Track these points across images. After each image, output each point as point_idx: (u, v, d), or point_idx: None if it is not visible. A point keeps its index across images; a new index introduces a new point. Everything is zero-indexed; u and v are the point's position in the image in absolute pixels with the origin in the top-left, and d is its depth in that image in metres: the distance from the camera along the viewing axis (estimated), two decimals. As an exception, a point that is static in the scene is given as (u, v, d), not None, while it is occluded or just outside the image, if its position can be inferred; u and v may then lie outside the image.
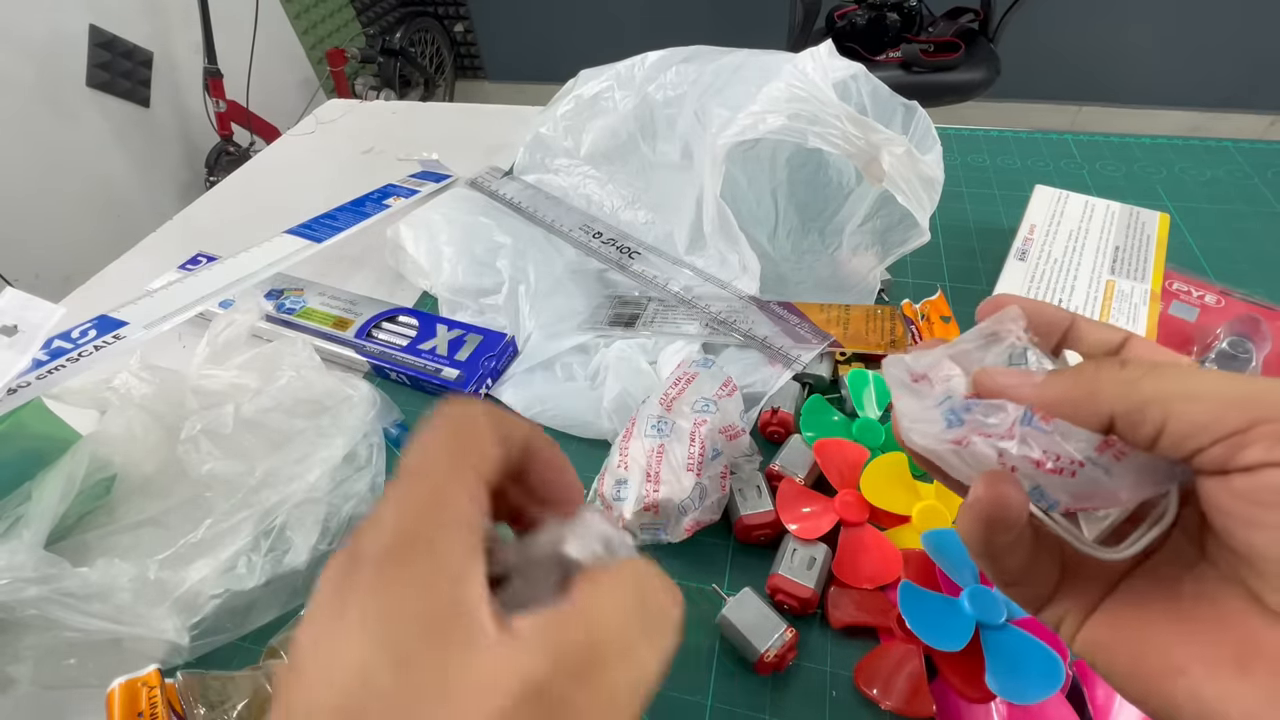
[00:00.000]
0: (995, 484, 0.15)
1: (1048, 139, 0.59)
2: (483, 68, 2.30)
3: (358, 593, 0.12)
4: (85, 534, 0.33)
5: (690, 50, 0.47)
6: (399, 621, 0.12)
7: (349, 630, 0.12)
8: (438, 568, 0.12)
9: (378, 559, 0.12)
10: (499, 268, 0.47)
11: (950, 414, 0.16)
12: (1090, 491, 0.15)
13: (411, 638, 0.12)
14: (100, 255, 0.59)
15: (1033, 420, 0.15)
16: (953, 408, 0.16)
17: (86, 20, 1.31)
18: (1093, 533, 0.16)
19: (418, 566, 0.12)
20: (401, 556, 0.12)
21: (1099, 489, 0.14)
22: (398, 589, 0.12)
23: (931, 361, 0.17)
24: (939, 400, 0.16)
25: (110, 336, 0.38)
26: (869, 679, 0.27)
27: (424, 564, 0.12)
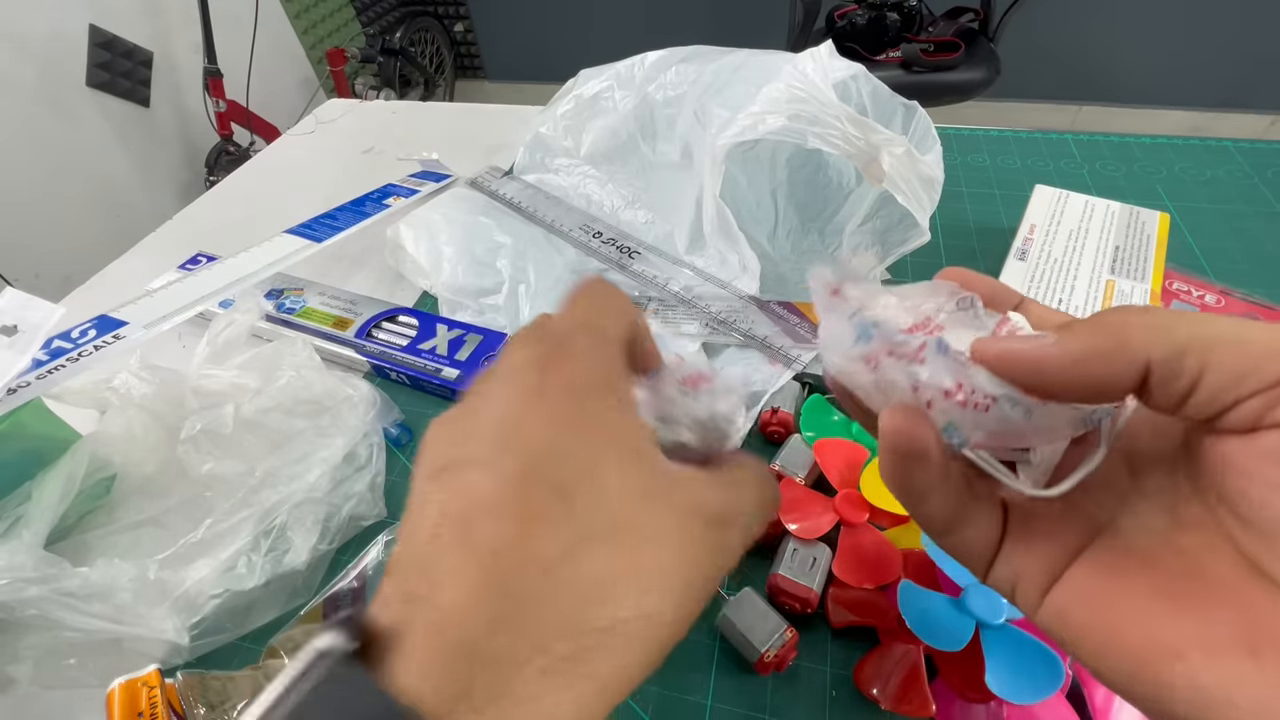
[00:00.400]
0: (901, 414, 0.14)
1: (1048, 139, 0.59)
2: (483, 67, 2.30)
3: (565, 409, 0.14)
4: (85, 534, 0.33)
5: (690, 50, 0.47)
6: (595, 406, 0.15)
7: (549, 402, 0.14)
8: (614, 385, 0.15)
9: (571, 388, 0.15)
10: (499, 267, 0.47)
11: (861, 327, 0.15)
12: (1002, 430, 0.14)
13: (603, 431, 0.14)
14: (100, 255, 0.59)
15: (947, 350, 0.14)
16: (863, 320, 0.15)
17: (86, 20, 1.31)
18: (1027, 480, 0.15)
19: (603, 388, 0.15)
20: (590, 394, 0.15)
21: (1010, 428, 0.14)
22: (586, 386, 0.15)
23: (865, 290, 0.16)
24: (851, 312, 0.16)
25: (110, 336, 0.38)
26: (869, 679, 0.27)
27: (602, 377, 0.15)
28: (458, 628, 0.12)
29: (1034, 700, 0.24)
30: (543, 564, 0.13)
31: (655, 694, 0.29)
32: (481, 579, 0.12)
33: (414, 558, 0.13)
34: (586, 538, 0.13)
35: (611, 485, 0.14)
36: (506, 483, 0.13)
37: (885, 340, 0.15)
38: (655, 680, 0.29)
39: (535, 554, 0.13)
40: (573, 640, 0.12)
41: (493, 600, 0.12)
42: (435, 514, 0.13)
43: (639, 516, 0.14)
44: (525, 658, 0.12)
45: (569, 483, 0.13)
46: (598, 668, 0.12)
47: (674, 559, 0.14)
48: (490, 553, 0.12)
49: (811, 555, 0.30)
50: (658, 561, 0.14)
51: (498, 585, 0.12)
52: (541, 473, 0.13)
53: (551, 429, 0.14)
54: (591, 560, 0.13)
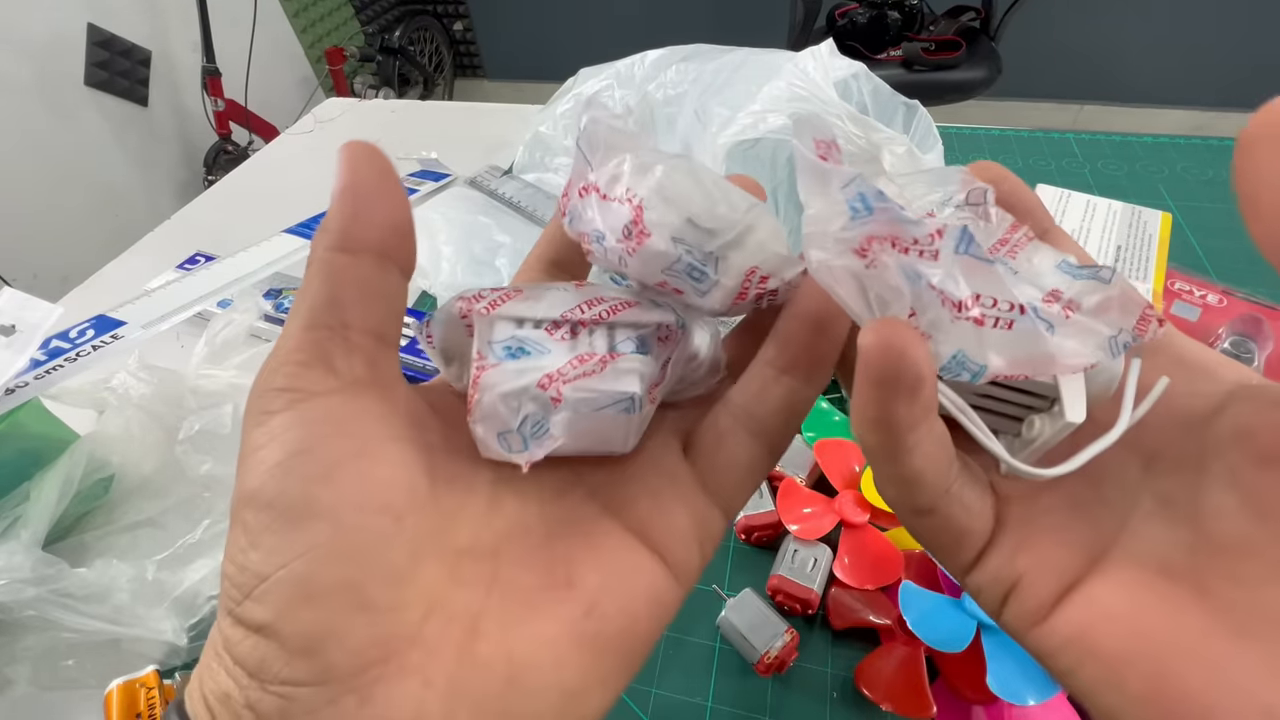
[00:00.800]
0: (887, 326, 0.10)
1: (1049, 138, 0.59)
2: (482, 66, 2.29)
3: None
4: (83, 534, 0.33)
5: (690, 49, 0.47)
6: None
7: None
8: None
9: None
10: (498, 267, 0.47)
11: (858, 200, 0.11)
12: (1025, 356, 0.11)
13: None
14: (98, 255, 0.59)
15: (971, 244, 0.10)
16: (862, 191, 0.11)
17: (84, 19, 1.31)
18: (1018, 456, 0.13)
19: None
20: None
21: (1036, 351, 0.11)
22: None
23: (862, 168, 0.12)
24: (846, 180, 0.11)
25: (108, 336, 0.38)
26: (870, 680, 0.27)
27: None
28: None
29: (1035, 701, 0.23)
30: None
31: (655, 695, 0.29)
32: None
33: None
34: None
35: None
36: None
37: (889, 219, 0.11)
38: (655, 682, 0.29)
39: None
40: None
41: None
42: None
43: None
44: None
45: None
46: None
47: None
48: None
49: (812, 556, 0.30)
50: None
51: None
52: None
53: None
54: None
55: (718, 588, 0.31)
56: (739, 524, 0.32)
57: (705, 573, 0.32)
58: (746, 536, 0.32)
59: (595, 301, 0.14)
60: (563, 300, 0.14)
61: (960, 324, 0.11)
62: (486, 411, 0.13)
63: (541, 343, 0.13)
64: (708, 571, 0.32)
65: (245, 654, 0.10)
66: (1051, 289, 0.11)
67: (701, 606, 0.31)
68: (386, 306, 0.13)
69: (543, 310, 0.14)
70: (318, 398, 0.12)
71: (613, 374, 0.13)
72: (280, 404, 0.11)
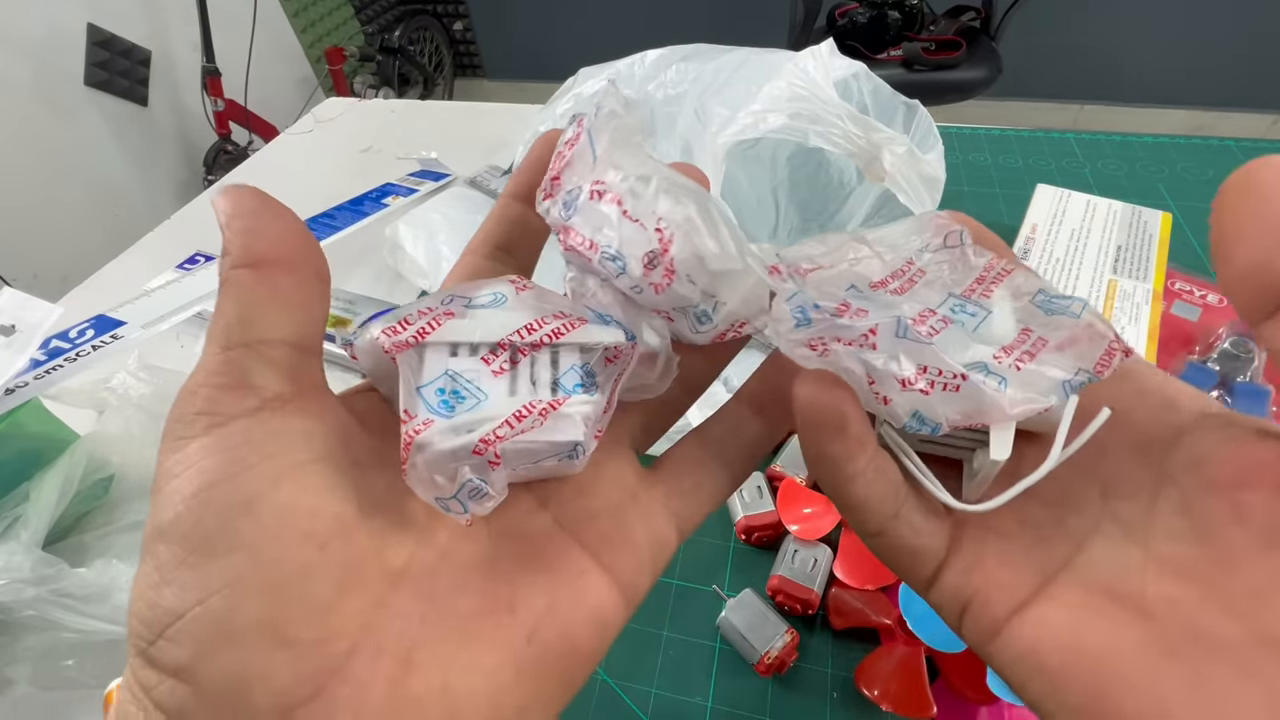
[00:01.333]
0: (812, 382, 0.12)
1: (1049, 138, 0.59)
2: (482, 66, 2.29)
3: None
4: (83, 534, 0.33)
5: (690, 48, 0.47)
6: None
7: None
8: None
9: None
10: (498, 267, 0.47)
11: (799, 311, 0.12)
12: (976, 408, 0.12)
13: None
14: (98, 255, 0.59)
15: (908, 332, 0.12)
16: (801, 304, 0.12)
17: (84, 19, 1.31)
18: (970, 485, 0.14)
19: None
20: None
21: (985, 404, 0.12)
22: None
23: (832, 244, 0.14)
24: (789, 294, 0.13)
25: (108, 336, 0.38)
26: (870, 680, 0.27)
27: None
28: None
29: (1036, 702, 0.23)
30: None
31: (655, 695, 0.29)
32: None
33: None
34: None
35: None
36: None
37: (826, 326, 0.12)
38: (655, 682, 0.29)
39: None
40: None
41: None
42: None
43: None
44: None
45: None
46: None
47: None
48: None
49: (812, 556, 0.30)
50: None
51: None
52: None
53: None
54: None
55: (718, 588, 0.31)
56: (739, 524, 0.32)
57: (705, 573, 0.32)
58: (746, 537, 0.32)
59: (539, 323, 0.13)
60: (502, 320, 0.13)
61: (910, 393, 0.12)
62: (421, 475, 0.12)
63: (477, 381, 0.13)
64: (708, 571, 0.32)
65: (163, 698, 0.10)
66: (1020, 331, 0.12)
67: (701, 606, 0.31)
68: (303, 315, 0.13)
69: (480, 333, 0.13)
70: (236, 420, 0.11)
71: (553, 423, 0.12)
72: (197, 429, 0.11)
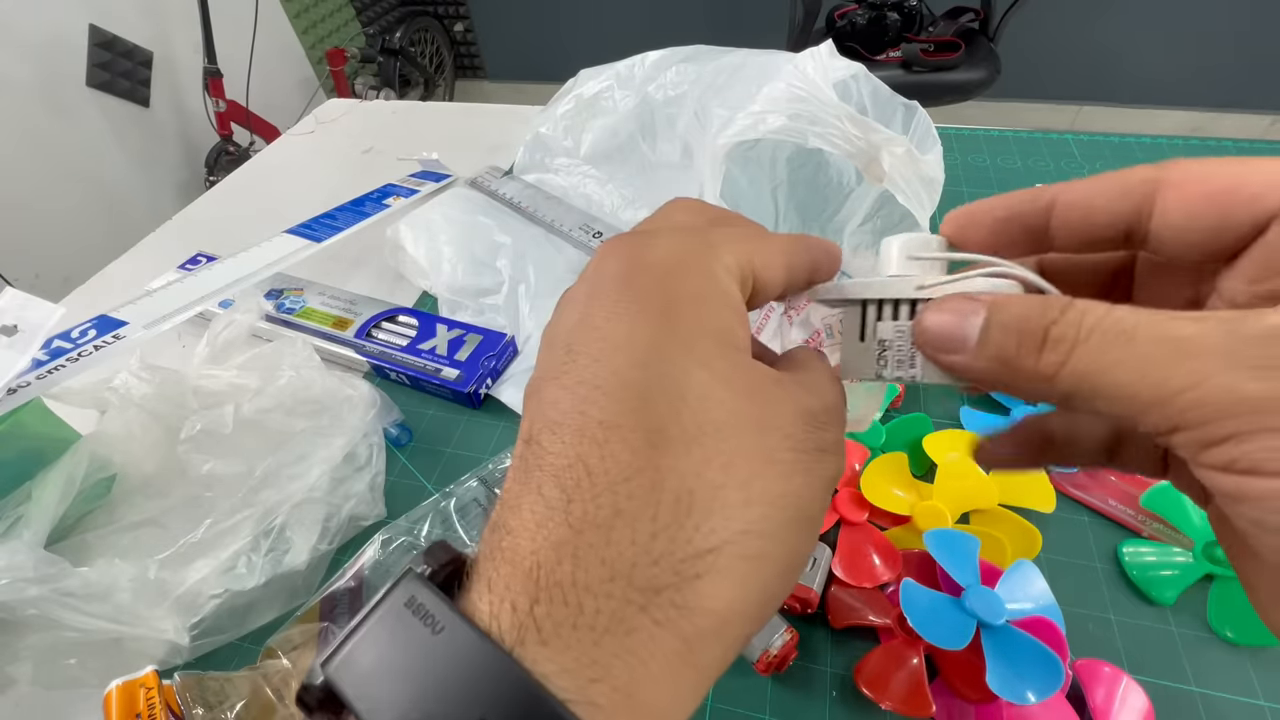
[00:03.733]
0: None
1: (1048, 139, 0.59)
2: (482, 67, 2.30)
3: (628, 291, 0.13)
4: (85, 534, 0.33)
5: (690, 50, 0.47)
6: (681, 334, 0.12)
7: (633, 322, 0.12)
8: (716, 296, 0.13)
9: (649, 266, 0.13)
10: (499, 267, 0.47)
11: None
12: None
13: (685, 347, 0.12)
14: (100, 255, 0.59)
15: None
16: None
17: (86, 20, 1.31)
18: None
19: (693, 284, 0.13)
20: (675, 273, 0.13)
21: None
22: (681, 304, 0.12)
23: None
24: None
25: (110, 336, 0.38)
26: (869, 679, 0.27)
27: (701, 287, 0.13)
28: (529, 555, 0.11)
29: (1034, 700, 0.24)
30: (618, 478, 0.11)
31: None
32: (547, 504, 0.11)
33: (506, 483, 0.13)
34: (669, 442, 0.11)
35: (696, 381, 0.12)
36: (574, 392, 0.12)
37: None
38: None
39: (609, 468, 0.11)
40: (667, 567, 0.11)
41: (559, 526, 0.11)
42: (519, 437, 0.13)
43: (732, 415, 0.12)
44: (603, 588, 0.10)
45: (647, 383, 0.11)
46: (702, 604, 0.11)
47: (779, 464, 0.12)
48: (554, 472, 0.11)
49: (812, 555, 0.30)
50: (760, 466, 0.12)
51: (563, 508, 0.11)
52: (615, 375, 0.12)
53: (625, 323, 0.12)
54: (680, 469, 0.11)
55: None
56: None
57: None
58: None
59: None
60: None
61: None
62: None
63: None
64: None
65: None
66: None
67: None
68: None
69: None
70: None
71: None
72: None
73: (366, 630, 0.11)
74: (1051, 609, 0.27)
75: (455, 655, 0.10)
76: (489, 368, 0.41)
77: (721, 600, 0.11)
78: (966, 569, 0.28)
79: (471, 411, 0.42)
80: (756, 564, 0.11)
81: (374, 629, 0.11)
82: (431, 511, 0.35)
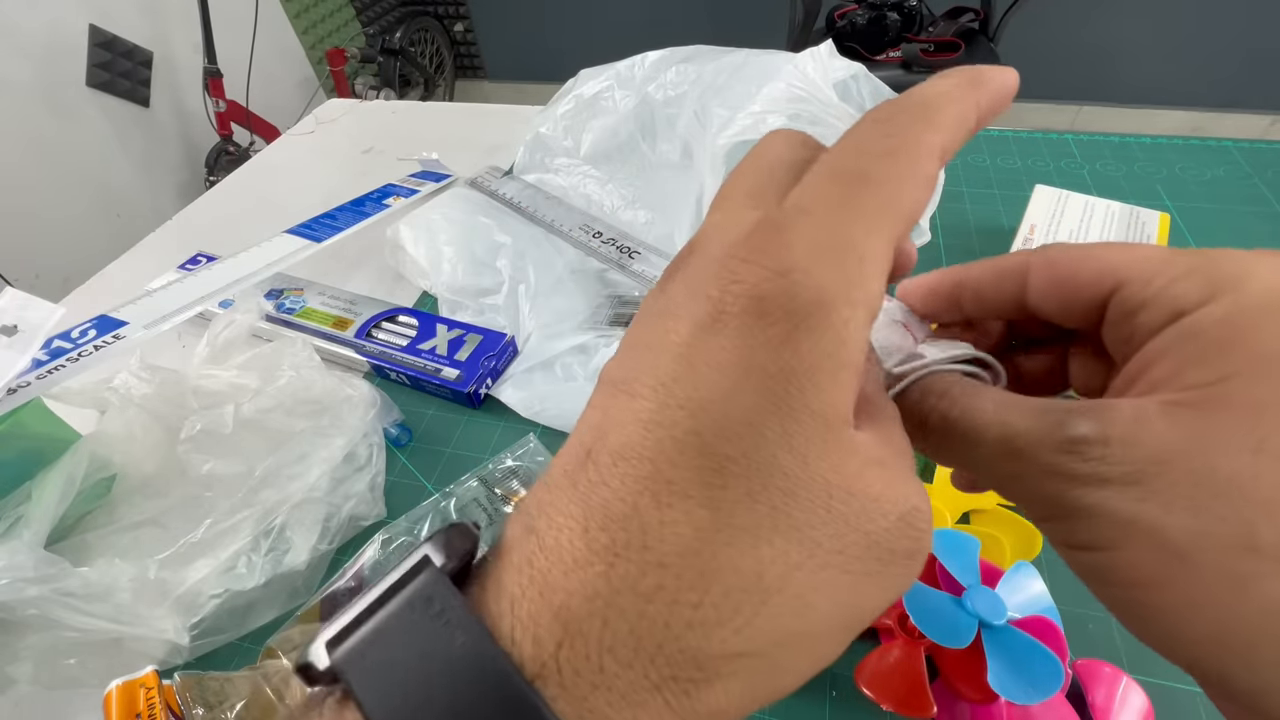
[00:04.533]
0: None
1: (1048, 139, 0.59)
2: (483, 67, 2.30)
3: (746, 342, 0.11)
4: (85, 534, 0.33)
5: (690, 50, 0.47)
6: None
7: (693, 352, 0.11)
8: (824, 352, 0.11)
9: (780, 313, 0.10)
10: (499, 267, 0.47)
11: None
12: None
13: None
14: (100, 255, 0.59)
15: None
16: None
17: (86, 20, 1.31)
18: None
19: (818, 349, 0.11)
20: (805, 327, 0.10)
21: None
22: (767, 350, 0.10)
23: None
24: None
25: (110, 336, 0.38)
26: (869, 679, 0.27)
27: (806, 339, 0.11)
28: (560, 593, 0.10)
29: (1035, 700, 0.24)
30: (670, 552, 0.10)
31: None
32: (589, 547, 0.10)
33: (550, 481, 0.11)
34: (737, 533, 0.10)
35: (784, 468, 0.10)
36: (650, 433, 0.11)
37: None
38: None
39: (665, 537, 0.10)
40: (690, 659, 0.10)
41: (598, 578, 0.10)
42: (578, 439, 0.12)
43: (814, 514, 0.10)
44: (626, 657, 0.10)
45: (729, 459, 0.10)
46: (714, 701, 0.10)
47: (852, 575, 0.11)
48: (606, 513, 0.10)
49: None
50: (833, 575, 0.10)
51: (606, 561, 0.10)
52: (698, 438, 0.10)
53: (728, 381, 0.10)
54: (739, 566, 0.10)
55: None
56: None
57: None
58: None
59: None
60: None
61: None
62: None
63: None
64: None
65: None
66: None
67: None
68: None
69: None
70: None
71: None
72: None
73: (379, 622, 0.11)
74: (1051, 610, 0.27)
75: (474, 674, 0.10)
76: (489, 368, 0.41)
77: (733, 702, 0.10)
78: (967, 569, 0.28)
79: (471, 411, 0.42)
80: (781, 675, 0.11)
81: (388, 622, 0.11)
82: (431, 511, 0.35)
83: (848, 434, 0.11)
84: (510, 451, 0.37)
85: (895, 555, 0.11)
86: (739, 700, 0.10)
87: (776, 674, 0.11)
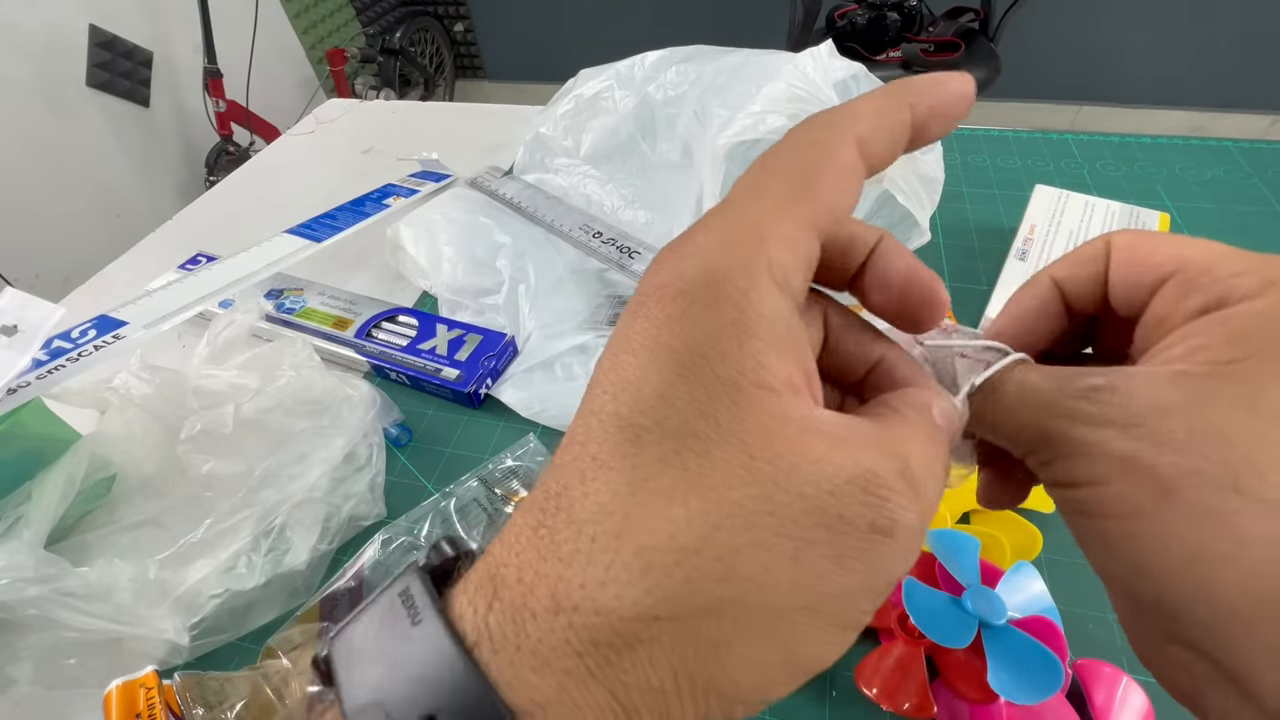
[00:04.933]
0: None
1: (1048, 139, 0.59)
2: (482, 67, 2.30)
3: (651, 325, 0.12)
4: (85, 534, 0.33)
5: (690, 50, 0.47)
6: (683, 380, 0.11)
7: (636, 354, 0.12)
8: (740, 327, 0.11)
9: (675, 294, 0.12)
10: (499, 267, 0.47)
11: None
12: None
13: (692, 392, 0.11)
14: (100, 255, 0.59)
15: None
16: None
17: (86, 20, 1.31)
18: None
19: (716, 319, 0.11)
20: (700, 301, 0.11)
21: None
22: (691, 338, 0.11)
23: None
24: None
25: (110, 336, 0.38)
26: (869, 679, 0.27)
27: (725, 318, 0.11)
28: (496, 564, 0.11)
29: (1035, 700, 0.24)
30: (588, 519, 0.11)
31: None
32: (525, 522, 0.12)
33: (547, 485, 0.12)
34: (652, 495, 0.11)
35: (698, 431, 0.11)
36: (585, 421, 0.12)
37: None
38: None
39: (586, 506, 0.11)
40: (605, 622, 0.10)
41: (528, 547, 0.11)
42: (567, 439, 0.12)
43: (732, 474, 0.10)
44: (546, 620, 0.10)
45: (644, 429, 0.11)
46: (639, 677, 0.10)
47: (791, 540, 0.10)
48: (544, 492, 0.12)
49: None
50: (765, 537, 0.10)
51: (533, 531, 0.11)
52: (617, 417, 0.11)
53: (640, 360, 0.11)
54: (652, 526, 0.10)
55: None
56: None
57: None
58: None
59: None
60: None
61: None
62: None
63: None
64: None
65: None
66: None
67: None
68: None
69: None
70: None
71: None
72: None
73: (362, 613, 0.12)
74: (1051, 610, 0.27)
75: (423, 647, 0.11)
76: (489, 368, 0.41)
77: (662, 677, 0.10)
78: (967, 569, 0.28)
79: (471, 411, 0.42)
80: (722, 655, 0.10)
81: (370, 612, 0.12)
82: (431, 511, 0.35)
83: (767, 398, 0.11)
84: (510, 451, 0.37)
85: (849, 524, 0.10)
86: (670, 677, 0.10)
87: (713, 651, 0.10)
